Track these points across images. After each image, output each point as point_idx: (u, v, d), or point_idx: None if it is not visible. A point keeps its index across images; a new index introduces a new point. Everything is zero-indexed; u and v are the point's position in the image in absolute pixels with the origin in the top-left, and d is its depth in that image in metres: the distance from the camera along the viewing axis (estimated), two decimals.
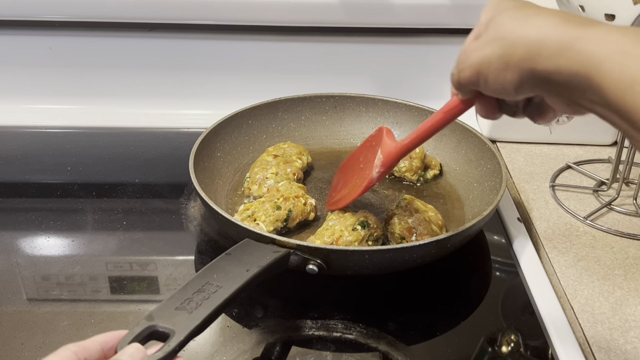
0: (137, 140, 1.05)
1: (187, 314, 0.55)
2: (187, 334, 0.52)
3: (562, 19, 0.45)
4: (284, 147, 0.93)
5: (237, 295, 0.59)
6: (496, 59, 0.47)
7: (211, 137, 0.90)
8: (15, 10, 1.04)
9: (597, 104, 0.44)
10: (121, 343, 0.49)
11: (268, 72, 1.11)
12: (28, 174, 0.96)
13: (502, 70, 0.47)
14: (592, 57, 0.42)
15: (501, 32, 0.48)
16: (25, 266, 0.79)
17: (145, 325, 0.52)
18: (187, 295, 0.57)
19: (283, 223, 0.79)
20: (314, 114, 1.01)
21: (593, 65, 0.42)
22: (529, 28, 0.46)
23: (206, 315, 0.55)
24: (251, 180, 0.88)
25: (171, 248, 0.83)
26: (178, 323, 0.53)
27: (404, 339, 0.70)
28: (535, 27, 0.46)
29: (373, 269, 0.71)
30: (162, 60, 1.10)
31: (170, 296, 0.57)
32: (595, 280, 0.77)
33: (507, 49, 0.47)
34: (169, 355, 0.50)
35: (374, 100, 1.01)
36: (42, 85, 1.11)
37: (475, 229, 0.76)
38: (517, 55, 0.46)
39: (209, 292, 0.58)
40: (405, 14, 1.04)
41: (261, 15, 1.04)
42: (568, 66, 0.44)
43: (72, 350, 0.46)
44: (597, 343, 0.69)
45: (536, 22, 0.46)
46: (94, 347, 0.48)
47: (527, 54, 0.46)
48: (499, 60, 0.47)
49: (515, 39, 0.46)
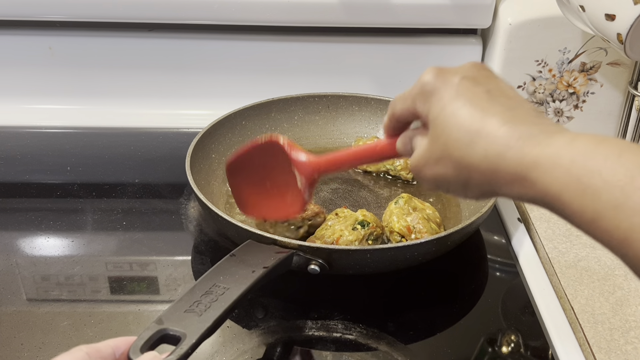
0: (136, 140, 1.05)
1: (196, 316, 0.54)
2: (199, 336, 0.52)
3: (511, 135, 0.42)
4: None
5: (244, 296, 0.59)
6: (453, 179, 0.46)
7: (206, 138, 0.90)
8: (15, 10, 1.04)
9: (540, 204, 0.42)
10: (132, 348, 0.49)
11: (268, 73, 1.11)
12: (28, 174, 0.96)
13: (462, 189, 0.47)
14: (549, 189, 0.40)
15: (448, 152, 0.45)
16: (25, 266, 0.78)
17: (156, 329, 0.52)
18: (196, 298, 0.57)
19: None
20: (307, 113, 1.01)
21: (552, 196, 0.40)
22: (477, 156, 0.43)
23: (216, 317, 0.55)
24: None
25: (171, 248, 0.83)
26: (188, 326, 0.53)
27: (403, 339, 0.70)
28: (483, 154, 0.43)
29: (374, 267, 0.72)
30: (162, 61, 1.10)
31: (179, 299, 0.57)
32: (596, 281, 0.77)
33: (462, 172, 0.45)
34: (181, 358, 0.50)
35: (367, 99, 1.01)
36: (42, 85, 1.11)
37: (475, 225, 0.76)
38: (474, 180, 0.45)
39: (216, 294, 0.58)
40: (405, 14, 1.03)
41: (261, 15, 1.04)
42: (527, 193, 0.42)
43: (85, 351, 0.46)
44: (597, 343, 0.69)
45: (483, 147, 0.43)
46: (107, 350, 0.48)
47: (484, 181, 0.44)
48: (457, 181, 0.46)
49: (467, 166, 0.44)
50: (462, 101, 0.45)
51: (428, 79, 0.48)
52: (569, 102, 1.03)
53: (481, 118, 0.44)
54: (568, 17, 0.86)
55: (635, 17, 0.72)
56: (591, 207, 0.38)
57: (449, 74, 0.48)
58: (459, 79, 0.47)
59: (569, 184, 0.39)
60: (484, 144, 0.43)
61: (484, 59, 1.07)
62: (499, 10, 1.01)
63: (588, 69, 1.00)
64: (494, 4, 1.01)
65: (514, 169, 0.42)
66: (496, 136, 0.43)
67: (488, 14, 1.02)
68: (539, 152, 0.41)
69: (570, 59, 0.99)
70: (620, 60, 0.99)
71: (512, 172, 0.42)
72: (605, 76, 1.00)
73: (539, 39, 0.97)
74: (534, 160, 0.41)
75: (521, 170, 0.41)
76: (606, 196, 0.37)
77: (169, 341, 0.52)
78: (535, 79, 1.00)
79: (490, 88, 0.46)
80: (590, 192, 0.38)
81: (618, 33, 0.74)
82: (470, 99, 0.45)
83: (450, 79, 0.47)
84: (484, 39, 1.08)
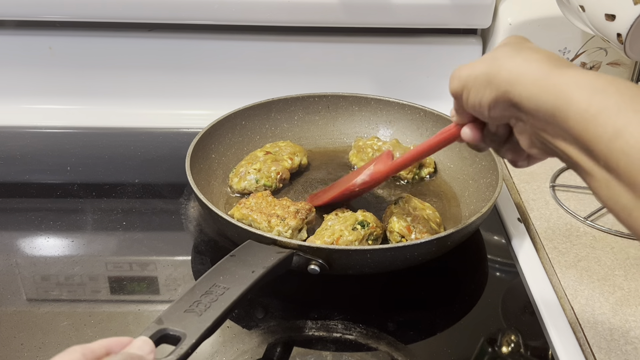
0: (136, 140, 1.05)
1: (196, 316, 0.55)
2: (199, 336, 0.52)
3: (548, 57, 0.50)
4: (280, 145, 0.94)
5: (244, 296, 0.59)
6: (482, 75, 0.52)
7: (205, 139, 0.90)
8: (15, 10, 1.04)
9: (559, 136, 0.48)
10: None
11: (268, 73, 1.11)
12: (28, 174, 0.96)
13: (484, 87, 0.52)
14: (564, 89, 0.46)
15: (494, 55, 0.53)
16: (25, 266, 0.78)
17: (156, 329, 0.52)
18: (195, 298, 0.57)
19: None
20: (307, 113, 1.01)
21: (563, 97, 0.46)
22: (516, 58, 0.51)
23: (216, 317, 0.55)
24: (235, 172, 0.89)
25: (171, 248, 0.83)
26: (188, 326, 0.53)
27: (403, 339, 0.70)
28: (521, 58, 0.50)
29: (374, 267, 0.71)
30: (162, 61, 1.10)
31: (179, 299, 0.57)
32: (596, 281, 0.77)
33: (493, 68, 0.51)
34: (181, 358, 0.50)
35: (366, 99, 1.01)
36: (42, 85, 1.11)
37: (475, 225, 0.76)
38: (499, 76, 0.51)
39: (216, 294, 0.58)
40: (405, 14, 1.03)
41: (261, 15, 1.04)
42: (539, 95, 0.47)
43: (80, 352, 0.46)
44: (597, 343, 0.69)
45: (524, 55, 0.51)
46: (100, 351, 0.48)
47: (507, 78, 0.50)
48: (484, 77, 0.52)
49: (502, 63, 0.51)
50: (518, 39, 0.55)
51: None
52: None
53: (529, 47, 0.52)
54: (568, 17, 0.86)
55: (635, 17, 0.72)
56: (596, 106, 0.44)
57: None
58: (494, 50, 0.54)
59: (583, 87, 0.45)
60: (525, 54, 0.51)
61: None
62: (499, 10, 1.01)
63: (588, 69, 1.00)
64: (494, 4, 1.01)
65: (543, 70, 0.48)
66: (537, 52, 0.51)
67: (488, 14, 1.02)
68: (566, 68, 0.48)
69: (570, 59, 0.99)
70: (620, 60, 0.99)
71: (538, 72, 0.48)
72: None
73: (539, 39, 0.97)
74: (560, 70, 0.48)
75: (547, 73, 0.48)
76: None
77: (169, 341, 0.52)
78: None
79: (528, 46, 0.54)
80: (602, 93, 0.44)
81: (618, 33, 0.74)
82: (523, 40, 0.55)
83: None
84: (484, 39, 1.08)
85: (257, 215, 0.78)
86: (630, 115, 0.42)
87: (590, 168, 0.46)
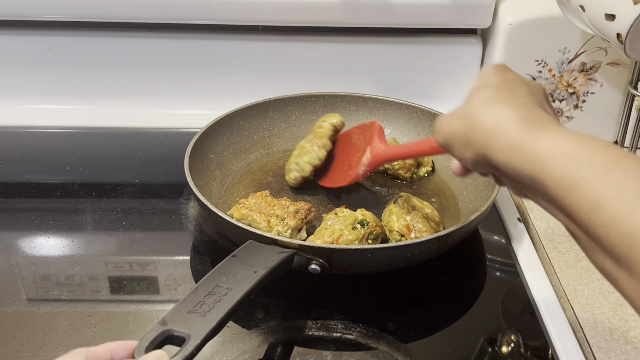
0: (136, 140, 1.05)
1: (200, 317, 0.55)
2: (203, 337, 0.53)
3: (521, 114, 0.48)
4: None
5: (247, 296, 0.59)
6: (460, 135, 0.52)
7: (204, 139, 0.90)
8: (15, 10, 1.04)
9: (541, 198, 0.48)
10: (137, 349, 0.49)
11: (266, 73, 1.11)
12: (28, 174, 0.96)
13: (463, 147, 0.52)
14: (537, 157, 0.45)
15: (470, 110, 0.51)
16: (24, 266, 0.78)
17: (160, 330, 0.52)
18: (199, 299, 0.57)
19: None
20: (304, 113, 1.01)
21: (537, 164, 0.45)
22: (490, 115, 0.49)
23: (220, 317, 0.55)
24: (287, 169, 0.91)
25: (171, 248, 0.83)
26: (193, 327, 0.53)
27: (403, 339, 0.70)
28: (495, 116, 0.49)
29: (375, 267, 0.72)
30: (162, 61, 1.10)
31: (182, 300, 0.57)
32: (596, 281, 0.77)
33: (470, 128, 0.51)
34: (187, 358, 0.50)
35: (363, 99, 1.01)
36: (42, 85, 1.11)
37: (475, 223, 0.76)
38: (475, 137, 0.50)
39: (220, 295, 0.58)
40: (405, 14, 1.03)
41: (260, 15, 1.04)
42: (514, 160, 0.47)
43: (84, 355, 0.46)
44: (597, 343, 0.69)
45: (498, 112, 0.49)
46: (105, 355, 0.48)
47: (483, 140, 0.49)
48: (462, 137, 0.52)
49: (477, 121, 0.50)
50: (496, 80, 0.53)
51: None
52: (569, 102, 1.03)
53: (505, 98, 0.50)
54: (568, 17, 0.86)
55: (635, 17, 0.72)
56: (571, 176, 0.44)
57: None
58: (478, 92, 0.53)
59: (557, 154, 0.45)
60: (498, 110, 0.49)
61: (484, 59, 1.07)
62: (499, 10, 1.01)
63: (588, 69, 1.00)
64: (494, 4, 1.01)
65: (516, 133, 0.47)
66: (511, 106, 0.49)
67: (488, 14, 1.02)
68: (539, 130, 0.47)
69: (570, 58, 0.99)
70: (620, 60, 0.99)
71: (512, 135, 0.47)
72: (605, 76, 1.00)
73: (539, 39, 0.97)
74: (533, 132, 0.47)
75: (520, 137, 0.47)
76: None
77: (173, 342, 0.53)
78: (535, 79, 1.00)
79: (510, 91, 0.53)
80: (574, 161, 0.44)
81: (618, 33, 0.74)
82: (502, 84, 0.53)
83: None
84: (484, 39, 1.08)
85: (257, 215, 0.78)
86: (606, 185, 0.42)
87: (574, 231, 0.46)
